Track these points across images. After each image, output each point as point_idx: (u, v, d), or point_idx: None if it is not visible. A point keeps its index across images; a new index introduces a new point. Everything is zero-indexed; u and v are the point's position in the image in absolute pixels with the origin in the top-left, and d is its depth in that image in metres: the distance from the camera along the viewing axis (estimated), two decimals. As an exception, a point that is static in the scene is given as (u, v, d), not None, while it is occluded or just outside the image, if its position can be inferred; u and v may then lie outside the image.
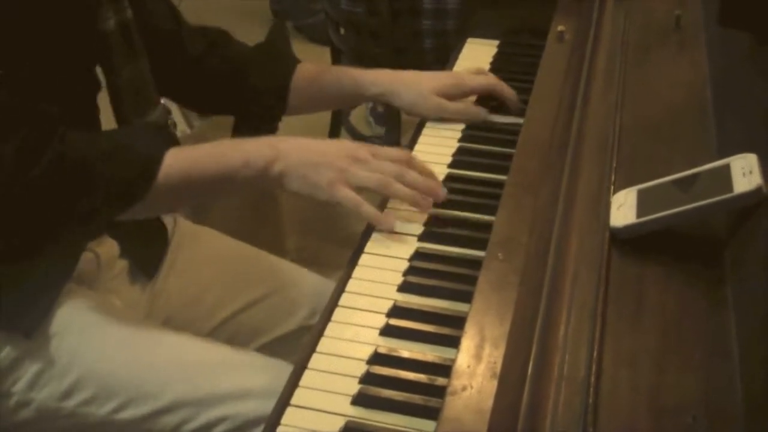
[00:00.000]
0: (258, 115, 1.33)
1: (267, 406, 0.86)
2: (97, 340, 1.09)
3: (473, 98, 1.32)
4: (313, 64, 1.35)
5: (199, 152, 1.05)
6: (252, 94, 1.31)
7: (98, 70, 1.12)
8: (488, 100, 1.31)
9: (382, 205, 1.09)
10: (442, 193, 1.07)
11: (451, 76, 1.34)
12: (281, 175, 1.03)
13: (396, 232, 1.04)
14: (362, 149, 1.07)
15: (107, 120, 1.14)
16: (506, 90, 1.30)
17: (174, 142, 1.07)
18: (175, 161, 1.02)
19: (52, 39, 1.02)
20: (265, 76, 1.31)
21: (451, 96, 1.29)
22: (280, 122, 1.36)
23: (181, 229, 1.31)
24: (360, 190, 1.05)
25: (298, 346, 1.24)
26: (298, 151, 1.05)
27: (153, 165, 1.00)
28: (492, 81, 1.30)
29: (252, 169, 1.03)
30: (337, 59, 2.38)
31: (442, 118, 1.29)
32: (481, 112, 1.28)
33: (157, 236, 1.26)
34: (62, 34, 1.03)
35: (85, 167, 0.99)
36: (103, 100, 1.14)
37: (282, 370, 1.05)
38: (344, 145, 1.09)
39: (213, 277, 1.30)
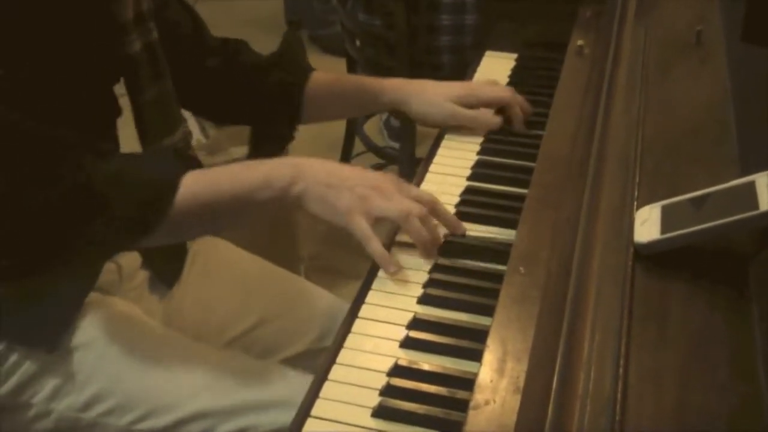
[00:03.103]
0: (273, 124, 1.33)
1: (287, 418, 0.85)
2: (118, 353, 1.09)
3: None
4: (327, 73, 1.36)
5: (218, 174, 1.04)
6: (266, 103, 1.31)
7: (121, 93, 1.13)
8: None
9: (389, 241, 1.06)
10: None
11: (463, 86, 1.34)
12: (301, 196, 1.01)
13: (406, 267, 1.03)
14: (389, 182, 1.03)
15: (131, 139, 1.14)
16: (518, 108, 1.29)
17: (195, 164, 1.06)
18: (193, 184, 1.00)
19: (77, 61, 1.02)
20: (278, 84, 1.31)
21: (463, 105, 1.29)
22: (296, 132, 1.36)
23: (199, 241, 1.31)
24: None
25: (308, 367, 1.24)
26: (321, 172, 1.02)
27: (169, 190, 0.98)
28: (504, 95, 1.30)
29: (272, 190, 1.01)
30: (352, 71, 2.38)
31: (461, 130, 1.29)
32: (496, 120, 1.28)
33: (177, 247, 1.26)
34: (88, 56, 1.03)
35: (100, 194, 0.97)
36: (125, 120, 1.14)
37: (303, 382, 1.05)
38: (371, 173, 1.06)
39: (225, 293, 1.30)
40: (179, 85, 1.21)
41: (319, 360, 1.26)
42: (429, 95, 1.29)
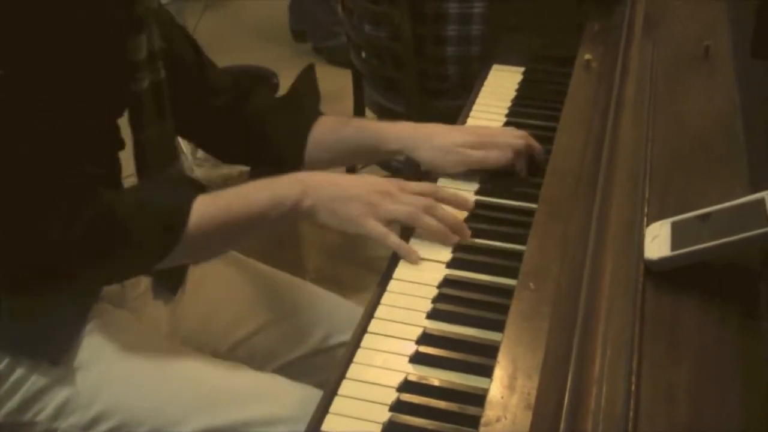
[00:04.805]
0: (273, 168, 1.31)
1: None
2: (122, 371, 1.09)
3: None
4: (334, 117, 1.32)
5: (228, 196, 1.07)
6: (269, 148, 1.31)
7: (124, 126, 1.14)
8: None
9: (404, 237, 1.08)
10: (467, 232, 1.07)
11: (475, 134, 1.23)
12: (311, 210, 1.05)
13: (424, 259, 1.05)
14: (390, 184, 1.08)
15: (128, 171, 1.16)
16: (522, 162, 1.21)
17: (200, 189, 1.09)
18: (206, 207, 1.04)
19: (86, 95, 1.03)
20: (281, 129, 1.30)
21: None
22: None
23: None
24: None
25: (314, 369, 1.25)
26: (327, 185, 1.07)
27: (182, 215, 1.03)
28: (518, 144, 1.21)
29: (283, 207, 1.05)
30: (358, 82, 2.39)
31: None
32: (503, 157, 1.19)
33: None
34: (98, 91, 1.05)
35: (121, 223, 1.01)
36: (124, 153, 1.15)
37: (307, 395, 1.05)
38: (372, 179, 1.09)
39: (228, 297, 1.30)
40: (185, 121, 1.22)
41: (325, 359, 1.27)
42: (438, 141, 1.20)
